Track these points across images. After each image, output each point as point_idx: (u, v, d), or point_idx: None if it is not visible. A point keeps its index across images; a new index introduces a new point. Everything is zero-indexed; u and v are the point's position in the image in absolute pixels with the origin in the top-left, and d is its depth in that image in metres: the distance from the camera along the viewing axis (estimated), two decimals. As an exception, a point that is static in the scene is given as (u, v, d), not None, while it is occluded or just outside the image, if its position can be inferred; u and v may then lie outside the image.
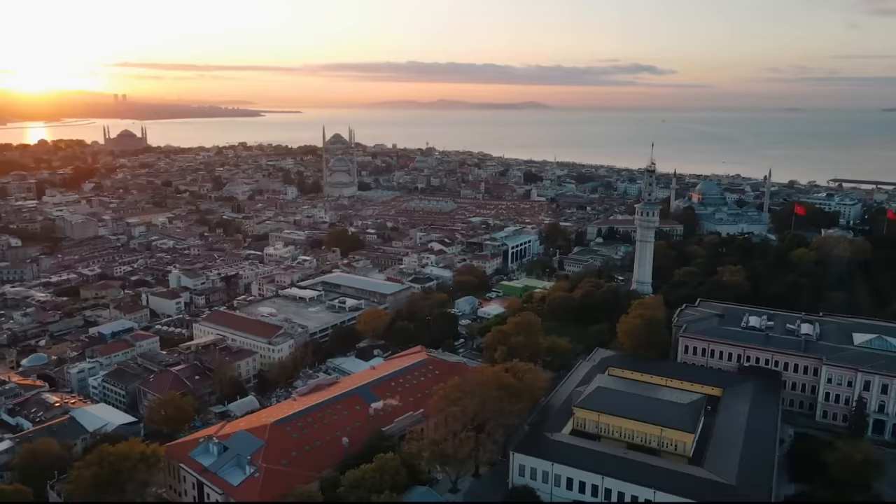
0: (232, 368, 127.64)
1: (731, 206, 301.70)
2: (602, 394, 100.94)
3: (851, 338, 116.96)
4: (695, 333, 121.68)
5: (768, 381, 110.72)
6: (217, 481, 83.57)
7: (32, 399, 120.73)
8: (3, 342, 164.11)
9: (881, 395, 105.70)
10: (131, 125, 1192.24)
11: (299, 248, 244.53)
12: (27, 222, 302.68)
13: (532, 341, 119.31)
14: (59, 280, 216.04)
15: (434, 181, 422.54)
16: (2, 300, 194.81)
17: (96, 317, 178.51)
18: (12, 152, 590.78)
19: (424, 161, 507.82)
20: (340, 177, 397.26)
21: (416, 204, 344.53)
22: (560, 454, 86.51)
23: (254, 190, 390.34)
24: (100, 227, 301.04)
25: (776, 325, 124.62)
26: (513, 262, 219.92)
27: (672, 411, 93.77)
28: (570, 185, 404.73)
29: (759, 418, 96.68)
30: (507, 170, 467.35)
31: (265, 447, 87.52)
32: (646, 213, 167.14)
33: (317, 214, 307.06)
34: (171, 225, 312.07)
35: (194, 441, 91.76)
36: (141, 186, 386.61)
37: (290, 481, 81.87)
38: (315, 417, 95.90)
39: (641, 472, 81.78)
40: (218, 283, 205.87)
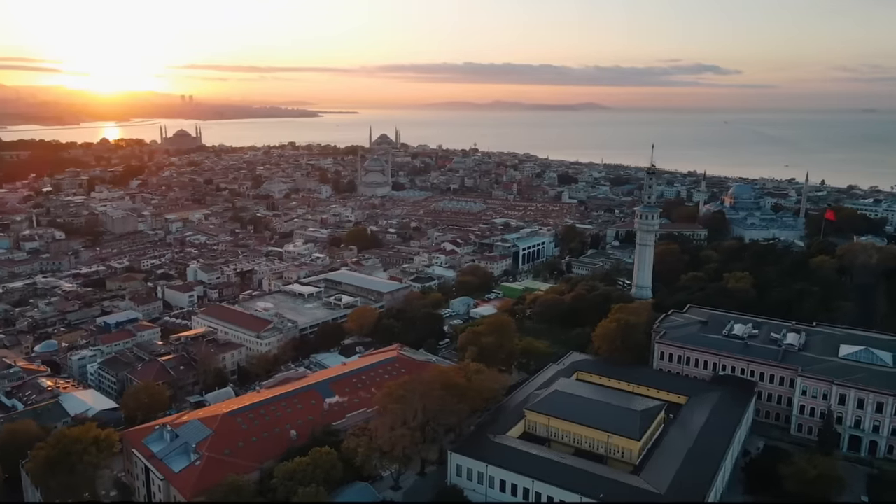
0: (216, 360, 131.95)
1: (765, 211, 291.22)
2: (557, 398, 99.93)
3: (838, 349, 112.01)
4: (671, 340, 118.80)
5: (738, 390, 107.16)
6: (161, 467, 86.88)
7: (28, 383, 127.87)
8: (24, 329, 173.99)
9: (857, 410, 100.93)
10: (194, 125, 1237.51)
11: (319, 246, 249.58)
12: (73, 216, 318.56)
13: (505, 343, 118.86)
14: (89, 272, 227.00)
15: (468, 182, 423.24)
16: (32, 289, 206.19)
17: (113, 307, 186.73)
18: (77, 150, 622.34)
19: (462, 162, 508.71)
20: (375, 176, 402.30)
21: (445, 204, 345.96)
22: (496, 456, 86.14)
23: (291, 189, 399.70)
24: (139, 223, 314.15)
25: (761, 333, 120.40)
26: (524, 263, 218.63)
27: (622, 418, 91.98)
28: (604, 188, 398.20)
29: (716, 428, 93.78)
30: (544, 171, 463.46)
31: (212, 436, 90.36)
32: (645, 217, 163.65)
33: (343, 213, 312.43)
34: (206, 221, 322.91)
35: (151, 428, 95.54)
36: (183, 184, 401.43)
37: (230, 470, 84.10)
38: (268, 410, 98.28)
39: (572, 478, 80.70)
40: (233, 277, 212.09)
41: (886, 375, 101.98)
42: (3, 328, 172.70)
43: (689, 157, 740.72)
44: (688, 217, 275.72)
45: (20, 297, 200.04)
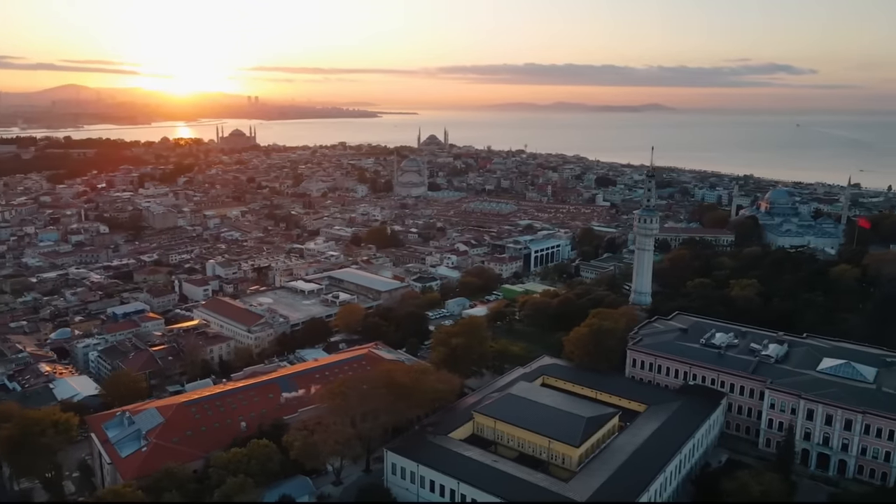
0: (204, 352, 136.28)
1: (803, 217, 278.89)
2: (508, 401, 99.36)
3: (819, 362, 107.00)
4: (643, 347, 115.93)
5: (703, 400, 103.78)
6: (111, 451, 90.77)
7: (29, 367, 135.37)
8: (46, 317, 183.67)
9: (825, 427, 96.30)
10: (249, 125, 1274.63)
11: (340, 244, 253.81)
12: (119, 212, 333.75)
13: (475, 344, 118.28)
14: (119, 264, 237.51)
15: (504, 183, 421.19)
16: (64, 279, 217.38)
17: (131, 299, 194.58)
18: (139, 148, 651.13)
19: (501, 163, 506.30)
20: (411, 177, 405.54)
21: (476, 205, 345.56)
22: (428, 456, 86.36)
23: (330, 187, 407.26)
24: (178, 218, 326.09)
25: (741, 343, 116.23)
26: (537, 265, 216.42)
27: (566, 424, 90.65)
28: (642, 191, 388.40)
29: (665, 438, 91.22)
30: (584, 173, 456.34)
31: (163, 425, 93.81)
32: (643, 221, 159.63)
33: (371, 213, 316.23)
34: (242, 218, 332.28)
35: (112, 414, 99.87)
36: (226, 182, 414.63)
37: (174, 458, 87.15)
38: (224, 401, 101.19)
39: (496, 481, 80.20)
40: (250, 273, 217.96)
41: (862, 391, 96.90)
42: (28, 315, 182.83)
43: (745, 160, 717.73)
44: (718, 222, 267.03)
45: (52, 286, 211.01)
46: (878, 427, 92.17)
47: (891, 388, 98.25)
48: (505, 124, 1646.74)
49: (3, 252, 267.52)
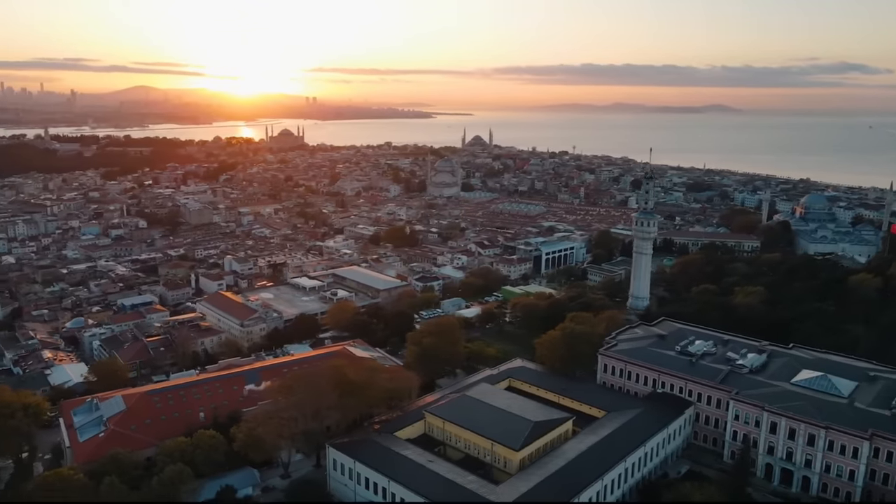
0: (194, 343, 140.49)
1: (841, 223, 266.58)
2: (461, 402, 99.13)
3: (797, 374, 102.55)
4: (614, 353, 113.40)
5: (666, 409, 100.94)
6: (73, 436, 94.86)
7: (33, 354, 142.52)
8: (68, 306, 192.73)
9: (788, 441, 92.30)
10: (312, 125, 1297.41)
11: (360, 243, 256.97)
12: (158, 207, 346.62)
13: (447, 344, 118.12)
14: (147, 258, 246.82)
15: (538, 185, 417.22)
16: (92, 271, 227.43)
17: (149, 291, 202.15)
18: (192, 147, 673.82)
19: (538, 164, 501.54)
20: (444, 177, 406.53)
21: (505, 206, 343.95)
22: (366, 454, 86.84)
23: (364, 187, 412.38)
24: (214, 215, 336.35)
25: (719, 352, 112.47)
26: (549, 268, 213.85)
27: (511, 428, 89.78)
28: (678, 194, 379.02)
29: (612, 445, 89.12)
30: (622, 175, 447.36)
31: (124, 412, 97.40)
32: (642, 224, 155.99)
33: (397, 212, 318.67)
34: (275, 215, 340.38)
35: (83, 400, 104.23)
36: (264, 180, 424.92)
37: (127, 444, 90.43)
38: (188, 392, 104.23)
39: (426, 482, 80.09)
40: (266, 269, 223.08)
41: (831, 406, 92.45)
42: (51, 304, 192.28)
43: (803, 163, 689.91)
44: (746, 227, 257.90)
45: (80, 277, 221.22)
46: (842, 444, 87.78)
47: (864, 403, 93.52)
48: (558, 125, 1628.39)
49: (48, 244, 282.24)
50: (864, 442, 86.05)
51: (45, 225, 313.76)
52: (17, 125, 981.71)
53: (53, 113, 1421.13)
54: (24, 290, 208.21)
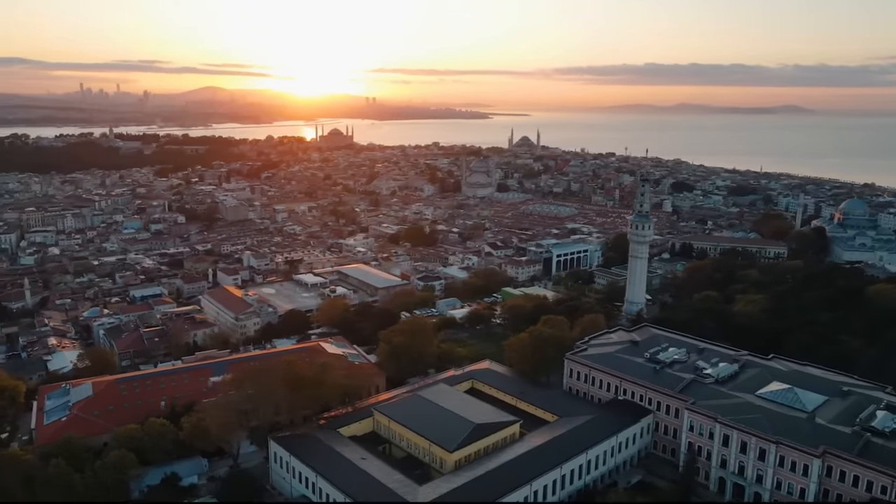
0: (187, 335, 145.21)
1: (882, 230, 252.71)
2: (411, 402, 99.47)
3: (764, 385, 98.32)
4: (580, 358, 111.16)
5: (621, 416, 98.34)
6: (40, 419, 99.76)
7: (40, 340, 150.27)
8: (91, 296, 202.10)
9: (740, 455, 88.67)
10: (370, 125, 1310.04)
11: (380, 241, 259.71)
12: (198, 204, 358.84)
13: (417, 344, 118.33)
14: (174, 252, 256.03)
15: (574, 186, 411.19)
16: (121, 263, 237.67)
17: (168, 284, 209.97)
18: (245, 146, 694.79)
19: (578, 165, 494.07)
20: (479, 178, 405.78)
21: (536, 208, 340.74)
22: (301, 448, 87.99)
23: (400, 186, 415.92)
24: (249, 212, 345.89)
25: (690, 360, 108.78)
26: (560, 270, 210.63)
27: (452, 429, 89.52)
28: (717, 197, 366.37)
29: (550, 451, 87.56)
30: (665, 177, 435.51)
31: (90, 398, 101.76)
32: (637, 227, 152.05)
33: (424, 212, 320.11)
34: (308, 213, 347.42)
35: (59, 385, 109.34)
36: (303, 178, 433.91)
37: (87, 429, 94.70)
38: (155, 381, 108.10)
39: (350, 479, 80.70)
40: (282, 265, 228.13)
41: (789, 420, 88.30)
42: (74, 294, 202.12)
43: (871, 167, 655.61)
44: (778, 232, 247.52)
45: (110, 269, 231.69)
46: (793, 460, 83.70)
47: (826, 418, 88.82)
48: (617, 127, 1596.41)
49: (93, 237, 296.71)
50: (814, 459, 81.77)
51: (91, 219, 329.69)
52: (91, 124, 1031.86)
53: (125, 112, 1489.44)
54: (56, 280, 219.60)
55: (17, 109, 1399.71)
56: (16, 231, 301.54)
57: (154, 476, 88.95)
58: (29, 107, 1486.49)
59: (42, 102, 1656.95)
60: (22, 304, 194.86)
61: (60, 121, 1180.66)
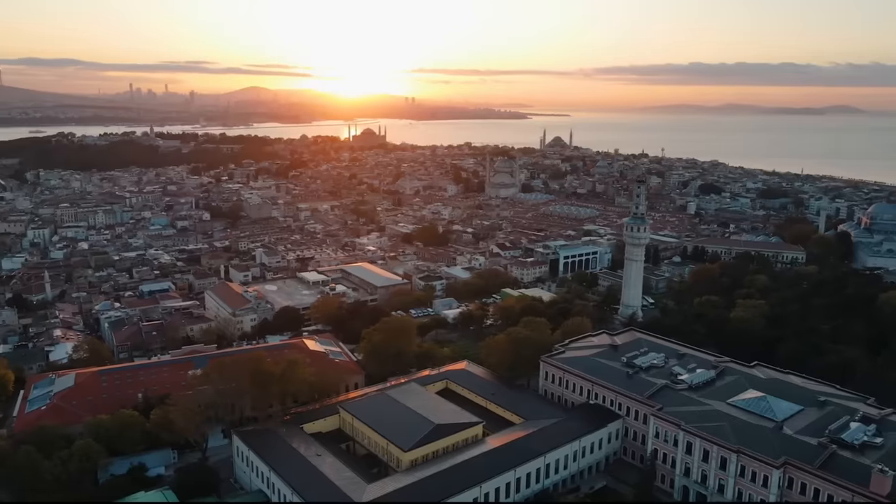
0: (183, 329, 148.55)
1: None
2: (376, 400, 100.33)
3: (739, 393, 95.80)
4: (556, 361, 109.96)
5: (589, 421, 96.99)
6: (23, 407, 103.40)
7: (47, 332, 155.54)
8: (106, 290, 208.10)
9: (702, 463, 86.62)
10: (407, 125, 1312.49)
11: (394, 240, 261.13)
12: (224, 201, 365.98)
13: (395, 342, 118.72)
14: (193, 248, 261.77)
15: (599, 187, 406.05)
16: (141, 259, 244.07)
17: (181, 280, 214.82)
18: (280, 145, 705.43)
19: (606, 166, 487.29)
20: (503, 178, 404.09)
21: (556, 209, 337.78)
22: (260, 443, 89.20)
23: (424, 185, 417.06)
24: (273, 210, 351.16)
25: (668, 366, 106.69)
26: (567, 271, 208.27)
27: (410, 429, 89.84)
28: (745, 200, 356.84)
29: (508, 454, 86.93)
30: (694, 179, 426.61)
31: (71, 388, 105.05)
32: (632, 229, 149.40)
33: (442, 212, 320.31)
34: (331, 211, 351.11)
35: (46, 375, 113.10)
36: (328, 177, 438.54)
37: (64, 419, 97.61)
38: (136, 373, 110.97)
39: (301, 475, 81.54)
40: (294, 262, 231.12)
41: (754, 429, 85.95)
42: (90, 288, 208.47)
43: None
44: (799, 237, 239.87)
45: (130, 264, 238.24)
46: (754, 470, 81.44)
47: (795, 429, 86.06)
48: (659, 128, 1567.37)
49: (121, 233, 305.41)
50: (774, 470, 79.32)
51: (121, 215, 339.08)
52: (137, 123, 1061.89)
53: (170, 112, 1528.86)
54: (78, 274, 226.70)
55: (69, 109, 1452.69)
56: (50, 226, 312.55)
57: (121, 466, 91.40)
58: (80, 106, 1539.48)
59: (92, 102, 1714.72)
60: (42, 297, 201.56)
61: (109, 120, 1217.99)
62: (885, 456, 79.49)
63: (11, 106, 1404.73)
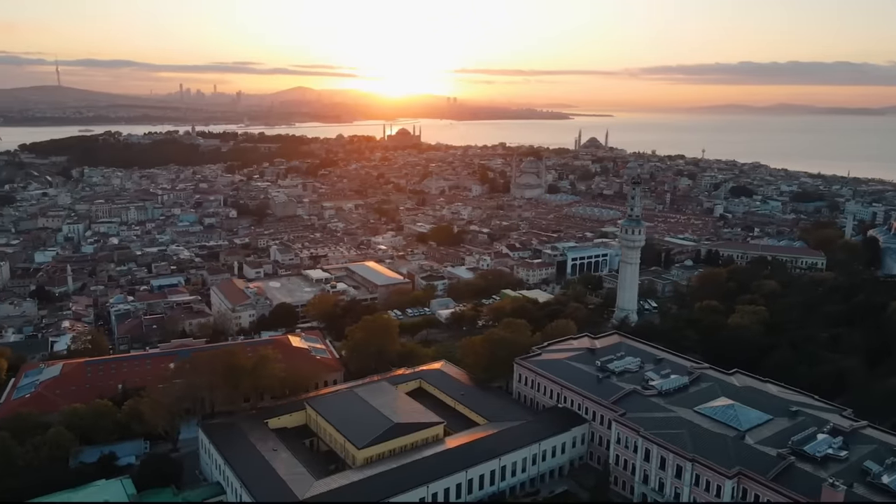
0: (182, 323, 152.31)
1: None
2: (341, 397, 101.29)
3: (710, 400, 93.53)
4: (530, 363, 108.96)
5: (554, 425, 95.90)
6: (10, 393, 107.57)
7: (56, 323, 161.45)
8: (123, 283, 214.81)
9: (659, 471, 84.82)
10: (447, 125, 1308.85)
11: (408, 239, 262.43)
12: (250, 199, 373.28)
13: (375, 341, 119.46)
14: (213, 245, 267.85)
15: (626, 189, 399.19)
16: (161, 254, 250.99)
17: (197, 275, 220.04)
18: (316, 144, 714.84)
19: (635, 167, 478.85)
20: (528, 178, 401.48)
21: (578, 210, 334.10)
22: (223, 437, 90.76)
23: (450, 185, 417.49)
24: (298, 208, 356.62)
25: (641, 371, 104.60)
26: (577, 273, 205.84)
27: (369, 427, 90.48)
28: (776, 203, 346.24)
29: (460, 455, 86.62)
30: (725, 181, 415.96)
31: (56, 378, 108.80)
32: (627, 231, 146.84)
33: (461, 212, 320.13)
34: (355, 210, 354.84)
35: (38, 364, 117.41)
36: (356, 176, 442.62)
37: (45, 406, 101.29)
38: (121, 365, 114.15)
39: (250, 469, 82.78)
40: (307, 260, 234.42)
41: (715, 438, 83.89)
42: (108, 282, 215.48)
43: None
44: (824, 242, 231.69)
45: (150, 259, 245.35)
46: (707, 479, 79.34)
47: (758, 438, 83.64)
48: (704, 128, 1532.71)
49: (151, 229, 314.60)
50: (726, 480, 77.14)
51: (152, 211, 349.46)
52: (184, 123, 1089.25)
53: (217, 112, 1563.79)
54: (101, 269, 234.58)
55: (120, 108, 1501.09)
56: (85, 221, 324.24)
57: (93, 454, 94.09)
58: (131, 106, 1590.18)
59: (144, 102, 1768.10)
60: (64, 289, 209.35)
61: (156, 119, 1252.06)
62: (845, 469, 76.65)
63: (66, 106, 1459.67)
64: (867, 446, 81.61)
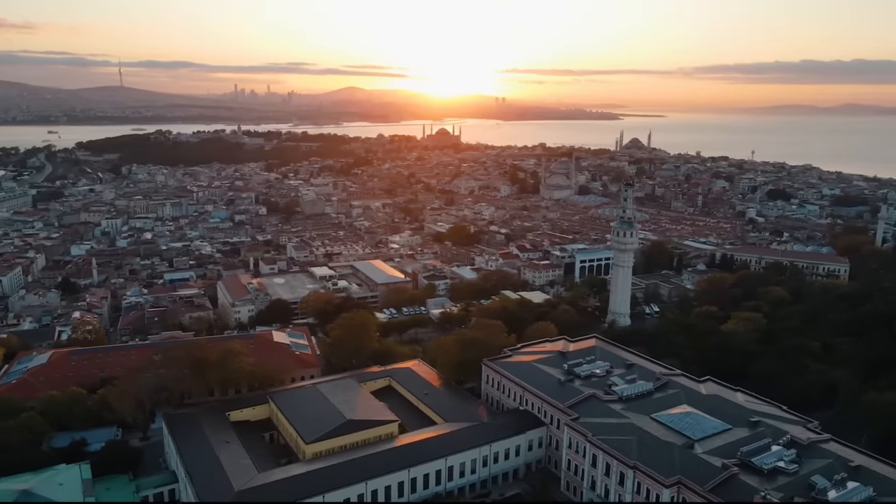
0: (181, 317, 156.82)
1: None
2: (304, 392, 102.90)
3: (671, 407, 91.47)
4: (495, 365, 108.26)
5: (510, 427, 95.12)
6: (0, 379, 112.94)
7: (66, 314, 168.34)
8: (143, 277, 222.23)
9: (605, 477, 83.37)
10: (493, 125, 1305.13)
11: (425, 238, 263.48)
12: (281, 197, 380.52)
13: (352, 339, 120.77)
14: (235, 241, 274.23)
15: (659, 191, 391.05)
16: (185, 249, 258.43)
17: (214, 271, 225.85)
18: (356, 143, 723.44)
19: (672, 169, 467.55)
20: (558, 179, 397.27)
21: (606, 212, 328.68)
22: (182, 427, 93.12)
23: (480, 186, 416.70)
24: (326, 206, 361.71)
25: (609, 376, 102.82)
26: (585, 275, 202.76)
27: (321, 422, 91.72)
28: (813, 207, 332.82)
29: (408, 453, 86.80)
30: (763, 185, 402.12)
31: (43, 365, 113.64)
32: (618, 234, 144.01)
33: (483, 212, 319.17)
34: (381, 209, 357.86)
35: (31, 352, 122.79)
36: (386, 176, 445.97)
37: (28, 392, 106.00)
38: (106, 355, 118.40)
39: (199, 462, 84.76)
40: (322, 257, 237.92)
41: (662, 445, 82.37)
42: (131, 275, 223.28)
43: None
44: (850, 248, 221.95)
45: (175, 254, 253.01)
46: (647, 487, 77.61)
47: (707, 448, 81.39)
48: (760, 129, 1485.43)
49: (183, 224, 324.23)
50: (664, 489, 75.26)
51: (186, 207, 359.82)
52: (236, 122, 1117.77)
53: (268, 112, 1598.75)
54: (126, 262, 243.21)
55: (177, 108, 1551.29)
56: (123, 216, 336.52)
57: (64, 439, 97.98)
58: (187, 105, 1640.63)
59: (200, 102, 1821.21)
60: (90, 282, 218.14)
61: (211, 118, 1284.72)
62: (791, 483, 73.98)
63: (126, 105, 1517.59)
64: (821, 460, 78.40)
